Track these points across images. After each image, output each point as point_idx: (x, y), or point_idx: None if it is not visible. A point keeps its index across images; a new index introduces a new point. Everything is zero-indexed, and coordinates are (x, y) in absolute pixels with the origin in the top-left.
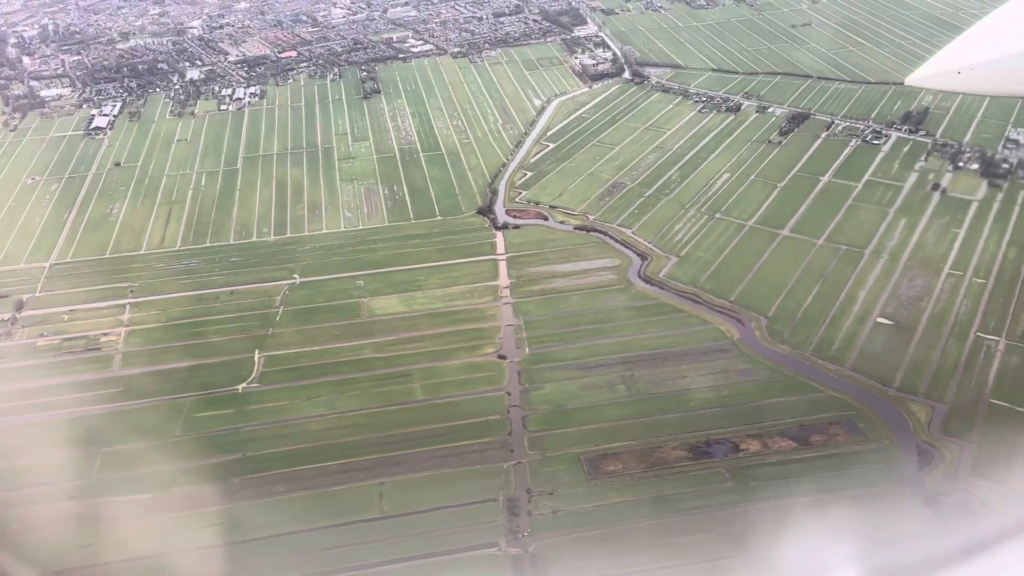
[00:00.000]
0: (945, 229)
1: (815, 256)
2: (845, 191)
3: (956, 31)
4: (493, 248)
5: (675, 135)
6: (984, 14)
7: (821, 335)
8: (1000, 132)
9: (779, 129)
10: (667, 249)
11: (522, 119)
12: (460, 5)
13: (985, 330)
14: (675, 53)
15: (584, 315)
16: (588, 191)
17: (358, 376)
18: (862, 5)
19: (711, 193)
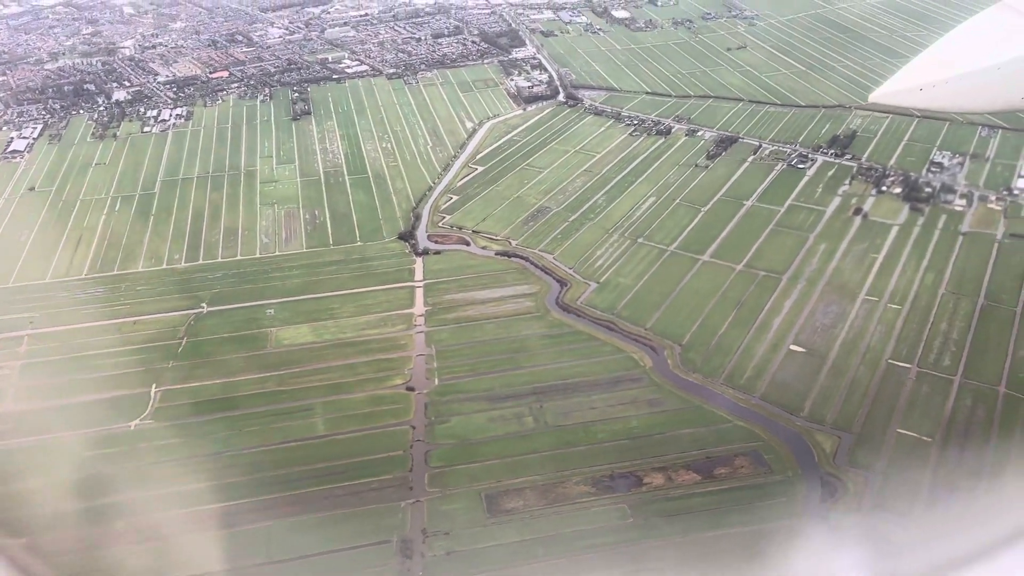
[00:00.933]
0: (864, 254)
1: (733, 282)
2: (768, 216)
3: (890, 54)
4: (411, 275)
5: (604, 158)
6: (919, 37)
7: (734, 363)
8: (926, 155)
9: (707, 153)
10: (587, 275)
11: (452, 142)
12: (400, 26)
13: (898, 357)
14: (611, 76)
15: (498, 344)
16: (513, 215)
17: (258, 411)
18: (798, 28)
19: (635, 218)
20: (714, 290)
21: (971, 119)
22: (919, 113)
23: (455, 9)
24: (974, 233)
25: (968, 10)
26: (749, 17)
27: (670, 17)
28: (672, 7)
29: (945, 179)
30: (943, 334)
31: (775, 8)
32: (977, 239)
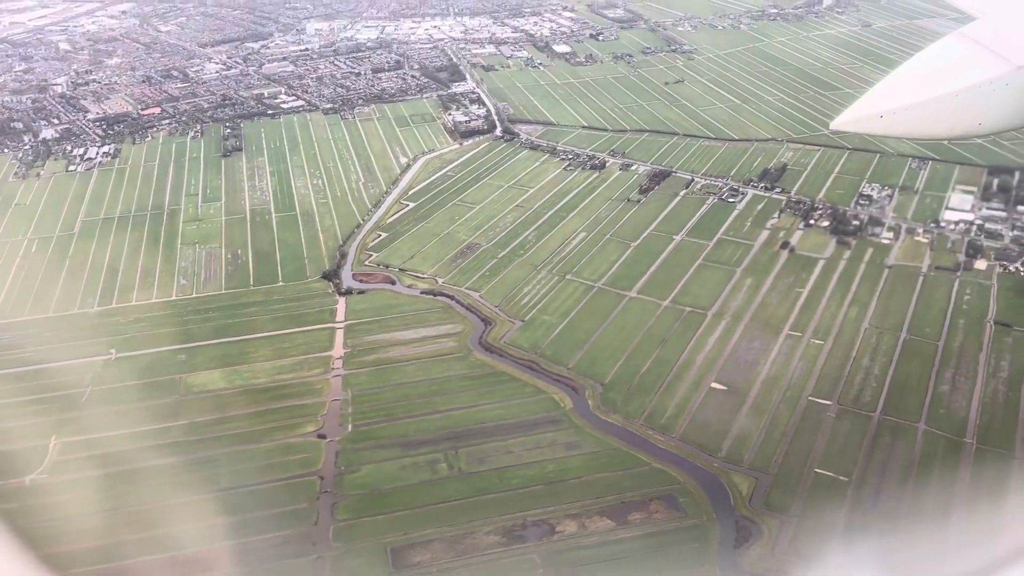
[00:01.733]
0: (789, 289)
1: (659, 318)
2: (696, 250)
3: (824, 87)
4: (332, 315)
5: (537, 193)
6: (853, 69)
7: (654, 403)
8: (855, 188)
9: (640, 187)
10: (513, 313)
11: (385, 177)
12: (340, 61)
13: (818, 394)
14: (549, 110)
15: (416, 387)
16: (441, 252)
17: (160, 463)
18: (736, 63)
19: (565, 254)
20: (639, 327)
21: (901, 151)
22: (850, 145)
23: (397, 44)
24: (900, 266)
25: (901, 42)
26: (688, 51)
27: (611, 52)
28: (613, 42)
29: (873, 212)
30: (865, 370)
31: (714, 43)
32: (902, 272)
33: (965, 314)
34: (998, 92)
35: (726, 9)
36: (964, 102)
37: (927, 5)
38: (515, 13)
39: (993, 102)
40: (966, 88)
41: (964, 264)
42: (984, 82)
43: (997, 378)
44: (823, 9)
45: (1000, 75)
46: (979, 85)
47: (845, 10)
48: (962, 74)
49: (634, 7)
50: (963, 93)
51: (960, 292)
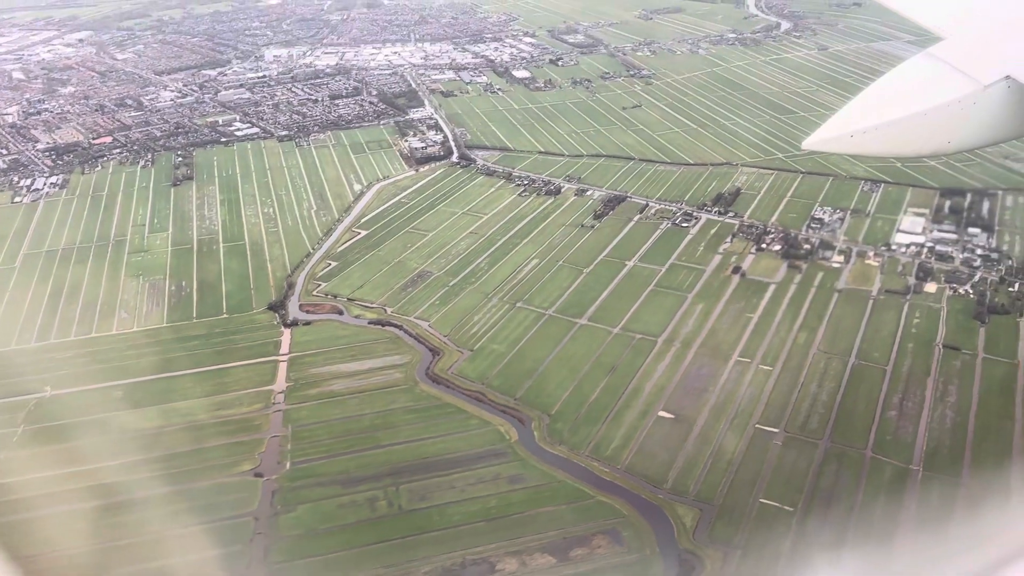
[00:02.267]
0: (740, 314)
1: (609, 346)
2: (648, 276)
3: (780, 110)
4: (276, 348)
5: (491, 220)
6: (808, 92)
7: (601, 433)
8: (807, 211)
9: (594, 212)
10: (461, 343)
11: (338, 205)
12: (298, 87)
13: (766, 421)
14: (506, 136)
15: (360, 421)
16: (391, 281)
17: (87, 507)
18: (693, 87)
19: (517, 281)
20: (588, 355)
21: (854, 173)
22: (804, 169)
23: (356, 70)
24: (850, 290)
25: (857, 65)
26: (647, 76)
27: (570, 77)
28: (572, 67)
29: (824, 235)
30: (812, 396)
31: (673, 67)
32: (852, 296)
33: (914, 338)
34: (966, 111)
35: (686, 34)
36: (933, 121)
37: (884, 28)
38: (476, 39)
39: (961, 121)
40: (934, 107)
41: (914, 287)
42: (952, 101)
43: (945, 402)
44: (781, 34)
45: (967, 94)
46: (947, 104)
47: (803, 34)
48: (930, 93)
49: (595, 33)
50: (932, 112)
51: (910, 316)
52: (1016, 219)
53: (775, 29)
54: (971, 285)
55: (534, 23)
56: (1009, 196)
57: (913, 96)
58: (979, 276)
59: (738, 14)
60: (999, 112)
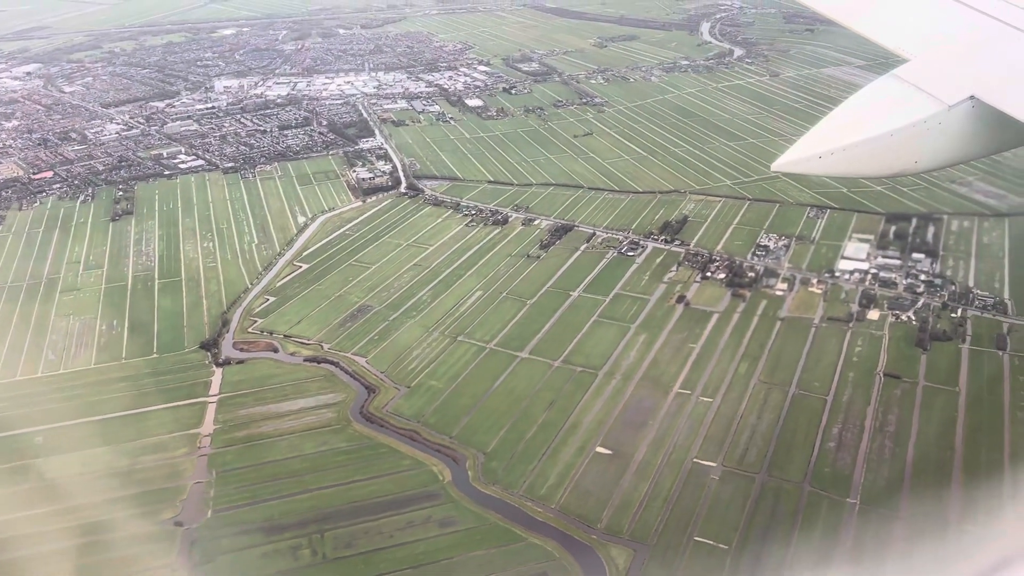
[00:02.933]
0: (682, 344)
1: (549, 380)
2: (592, 307)
3: (730, 137)
4: (206, 389)
5: (436, 251)
6: (758, 119)
7: (537, 471)
8: (753, 239)
9: (541, 242)
10: (399, 379)
11: (280, 238)
12: (247, 118)
13: (704, 455)
14: (456, 165)
15: (288, 464)
16: (330, 316)
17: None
18: (644, 114)
19: (459, 314)
20: (528, 390)
21: (801, 200)
22: (751, 196)
23: (307, 100)
24: (792, 318)
25: (806, 91)
26: (599, 104)
27: (522, 105)
28: (526, 95)
29: (769, 263)
30: (752, 428)
31: (625, 95)
32: (795, 325)
33: (855, 366)
34: (932, 131)
35: (640, 62)
36: (899, 141)
37: (835, 54)
38: (431, 68)
39: (928, 141)
40: (901, 128)
41: (857, 314)
42: (918, 121)
43: (884, 433)
44: (734, 60)
45: (933, 114)
46: (913, 125)
47: (754, 61)
48: (896, 114)
49: (549, 61)
50: (898, 133)
51: (851, 343)
52: (960, 244)
53: (728, 56)
54: (914, 311)
55: (489, 52)
56: (954, 221)
57: (879, 117)
58: (922, 302)
59: (692, 41)
60: (964, 132)
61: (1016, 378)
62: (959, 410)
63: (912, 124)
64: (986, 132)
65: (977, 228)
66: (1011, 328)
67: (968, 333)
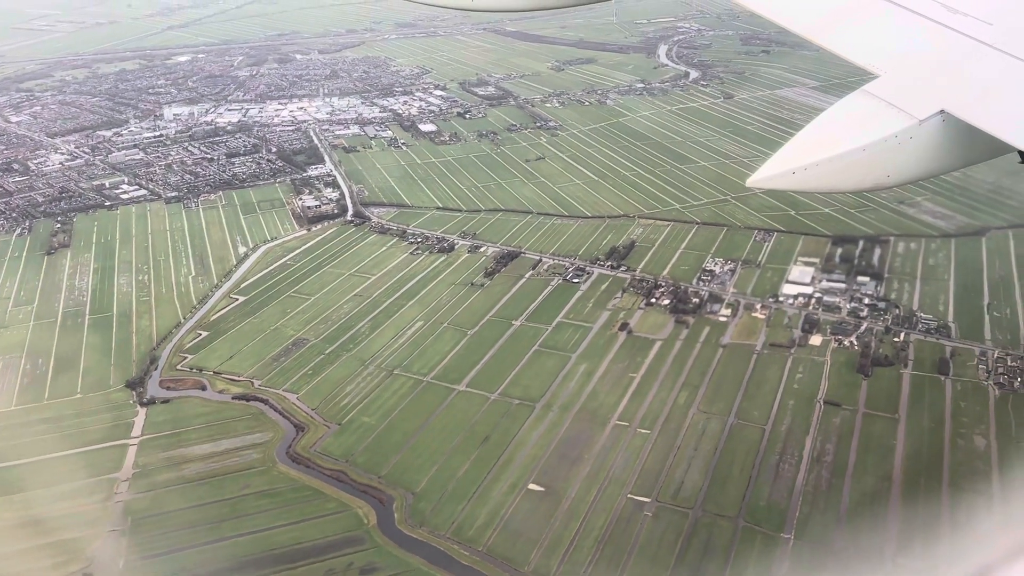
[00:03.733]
0: (622, 374)
1: (485, 414)
2: (534, 336)
3: (681, 160)
4: (128, 430)
5: (379, 281)
6: (710, 141)
7: (466, 511)
8: (699, 264)
9: (486, 270)
10: (330, 416)
11: (219, 270)
12: (195, 146)
13: (638, 491)
14: (405, 191)
15: (207, 510)
16: (264, 351)
17: None
18: (597, 138)
19: (397, 346)
20: (463, 425)
21: (749, 223)
22: (699, 219)
23: (258, 127)
24: (735, 345)
25: (758, 112)
26: (553, 128)
27: (476, 129)
28: (480, 120)
29: (714, 288)
30: (688, 460)
31: (580, 118)
32: (737, 351)
33: (796, 394)
34: (903, 146)
35: (596, 85)
36: (871, 156)
37: (789, 75)
38: (386, 93)
39: (899, 155)
40: (873, 143)
41: (799, 340)
42: (889, 136)
43: (821, 463)
44: (689, 83)
45: (904, 129)
46: (885, 139)
47: (709, 83)
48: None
49: (506, 85)
50: (870, 148)
51: (793, 370)
52: (906, 266)
53: (683, 78)
54: (856, 336)
55: (446, 76)
56: (901, 243)
57: (851, 132)
58: (865, 327)
59: (648, 64)
60: (935, 145)
61: (957, 404)
62: (898, 438)
63: (883, 139)
64: (957, 146)
65: (924, 249)
66: (954, 352)
67: (910, 358)
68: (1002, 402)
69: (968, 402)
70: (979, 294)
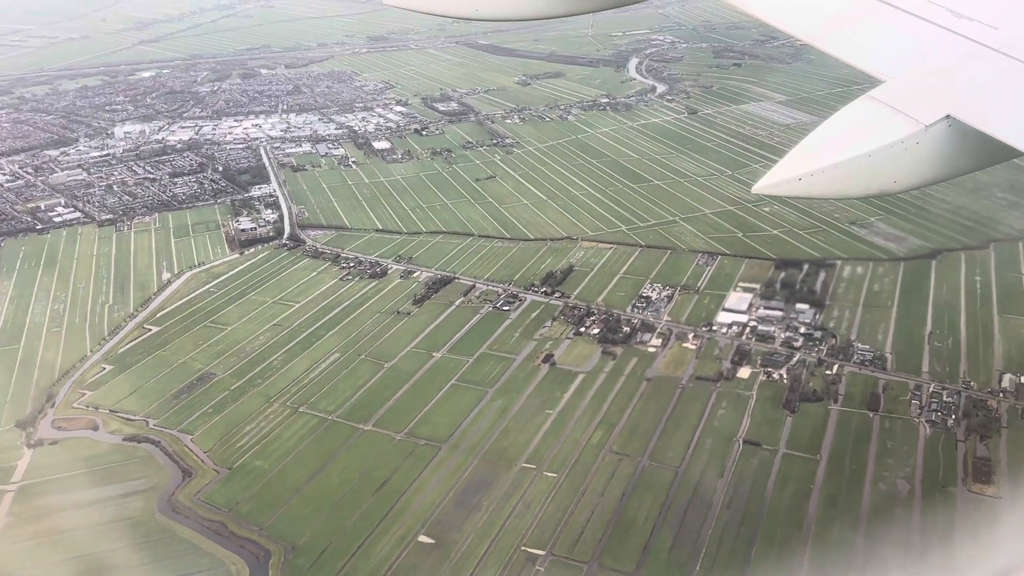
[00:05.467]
0: (538, 410)
1: (387, 456)
2: (453, 368)
3: (635, 179)
4: (9, 475)
5: (302, 309)
6: (667, 160)
7: (347, 568)
8: (637, 289)
9: (415, 297)
10: (223, 459)
11: (138, 297)
12: (140, 165)
13: (534, 542)
14: (347, 213)
15: (77, 564)
16: (167, 387)
17: None
18: (553, 156)
19: (308, 380)
20: (361, 468)
21: (693, 246)
22: (643, 242)
23: (207, 145)
24: (660, 378)
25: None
26: (509, 144)
27: (431, 147)
28: (437, 136)
29: (648, 316)
30: (592, 507)
31: (538, 135)
32: (662, 385)
33: (715, 432)
34: (909, 151)
35: (561, 100)
36: (877, 162)
37: (758, 89)
38: (346, 109)
39: (905, 161)
40: (878, 148)
41: (727, 373)
42: (895, 142)
43: (733, 509)
44: (655, 97)
45: (910, 135)
46: (891, 145)
47: (675, 97)
48: (874, 135)
49: (469, 100)
50: (876, 153)
51: (716, 406)
52: (849, 292)
53: (650, 92)
54: (787, 368)
55: (410, 91)
56: (847, 267)
57: (857, 138)
58: (797, 358)
59: (617, 78)
60: (941, 151)
61: (883, 443)
62: (816, 482)
63: (889, 144)
64: (963, 151)
65: (870, 274)
66: (887, 385)
67: (841, 392)
68: (932, 442)
69: (896, 441)
70: (922, 323)
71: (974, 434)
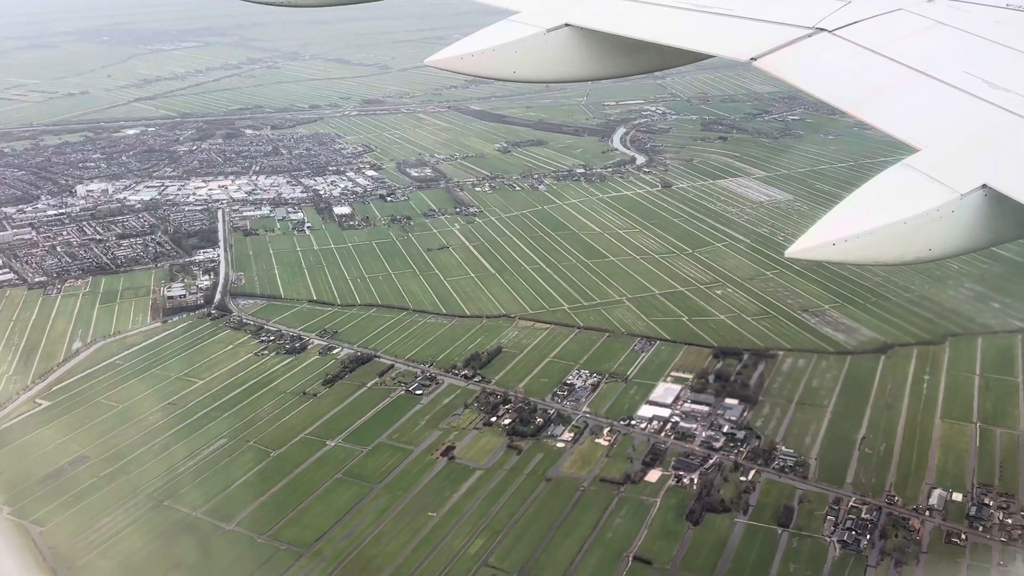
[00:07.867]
0: (420, 513)
1: (240, 561)
2: (343, 460)
3: (592, 254)
4: None
5: (204, 386)
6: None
7: None
8: (563, 375)
9: (326, 376)
10: (68, 556)
11: (41, 368)
12: (91, 225)
13: None
14: (285, 281)
15: None
16: (37, 470)
17: None
18: (514, 226)
19: (184, 469)
20: None
21: (633, 330)
22: (582, 323)
23: (166, 206)
24: (563, 478)
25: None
26: (471, 214)
27: (391, 214)
28: (401, 203)
29: (566, 406)
30: None
31: (505, 204)
32: (562, 487)
33: (606, 546)
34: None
35: (537, 168)
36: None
37: (739, 164)
38: (318, 172)
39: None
40: (913, 216)
41: (635, 475)
42: (931, 210)
43: None
44: (632, 169)
45: (945, 203)
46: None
47: (653, 169)
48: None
49: (444, 166)
50: (911, 221)
51: (614, 514)
52: (785, 388)
53: (629, 164)
54: (700, 473)
55: (388, 155)
56: (789, 359)
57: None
58: (713, 461)
59: (598, 148)
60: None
61: (786, 566)
62: None
63: (924, 212)
64: (999, 220)
65: (811, 368)
66: (803, 497)
67: (752, 503)
68: (839, 566)
69: (801, 564)
70: (857, 425)
71: (888, 558)
